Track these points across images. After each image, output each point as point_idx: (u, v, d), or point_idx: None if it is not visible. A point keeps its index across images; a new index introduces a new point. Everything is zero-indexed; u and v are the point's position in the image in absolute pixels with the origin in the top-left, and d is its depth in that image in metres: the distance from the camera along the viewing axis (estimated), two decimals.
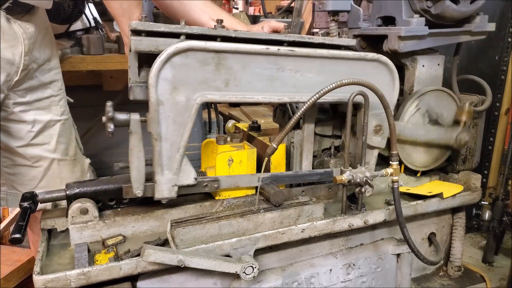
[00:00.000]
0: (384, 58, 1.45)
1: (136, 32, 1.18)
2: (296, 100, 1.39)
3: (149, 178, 1.30)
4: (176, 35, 1.21)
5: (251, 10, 6.09)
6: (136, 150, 1.23)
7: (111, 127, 1.17)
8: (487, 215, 2.32)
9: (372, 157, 1.57)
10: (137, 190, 1.27)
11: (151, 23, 1.18)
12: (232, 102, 1.20)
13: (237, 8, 5.80)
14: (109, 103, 1.18)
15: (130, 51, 1.22)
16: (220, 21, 1.28)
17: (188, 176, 1.31)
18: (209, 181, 1.38)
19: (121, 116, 1.19)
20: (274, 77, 1.32)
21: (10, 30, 1.47)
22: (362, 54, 1.42)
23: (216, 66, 1.24)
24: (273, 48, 1.28)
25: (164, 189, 1.29)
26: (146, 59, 1.25)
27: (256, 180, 1.43)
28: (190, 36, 1.22)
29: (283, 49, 1.30)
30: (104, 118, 1.18)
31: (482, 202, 2.40)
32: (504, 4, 2.40)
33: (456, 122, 1.72)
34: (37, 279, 1.09)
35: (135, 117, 1.21)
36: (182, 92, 1.22)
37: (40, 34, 1.61)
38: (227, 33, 1.25)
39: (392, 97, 1.50)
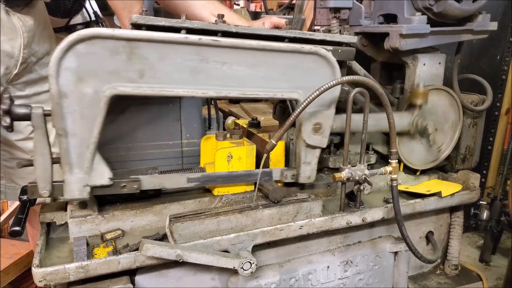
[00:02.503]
0: (323, 51, 1.34)
1: (136, 26, 1.17)
2: (223, 95, 1.29)
3: None
4: (176, 30, 1.19)
5: (252, 7, 6.07)
6: (40, 147, 1.14)
7: (6, 121, 1.09)
8: (485, 214, 2.32)
9: (313, 157, 1.48)
10: (43, 190, 1.18)
11: (151, 17, 1.16)
12: (148, 95, 1.11)
13: (238, 5, 5.79)
14: (6, 95, 1.10)
15: None
16: (221, 16, 1.27)
17: (102, 176, 1.22)
18: (128, 181, 1.29)
19: (21, 110, 1.11)
20: (198, 69, 1.22)
21: (9, 22, 1.47)
22: (297, 46, 1.31)
23: (128, 55, 1.14)
24: (194, 38, 1.19)
25: (74, 189, 1.20)
26: None
27: (184, 180, 1.37)
28: (190, 31, 1.20)
29: (205, 38, 1.20)
30: None
31: (481, 202, 2.40)
32: (507, 4, 2.39)
33: (412, 106, 1.67)
34: (36, 271, 1.09)
35: (37, 111, 1.12)
36: (89, 83, 1.12)
37: (39, 27, 1.61)
38: (228, 28, 1.24)
39: (334, 93, 1.39)
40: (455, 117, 1.75)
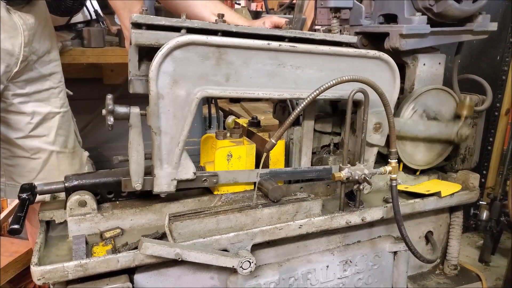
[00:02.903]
0: (385, 56, 1.45)
1: (136, 25, 1.18)
2: (296, 96, 1.38)
3: (148, 171, 1.30)
4: (177, 29, 1.20)
5: (253, 6, 6.07)
6: (135, 144, 1.23)
7: (111, 120, 1.18)
8: (484, 215, 2.32)
9: (371, 154, 1.56)
10: (136, 183, 1.27)
11: (152, 16, 1.18)
12: (232, 97, 1.19)
13: (239, 4, 5.79)
14: (109, 96, 1.18)
15: (131, 44, 1.22)
16: (221, 16, 1.27)
17: (187, 171, 1.31)
18: (208, 176, 1.38)
19: (121, 109, 1.20)
20: (275, 72, 1.31)
21: (10, 21, 1.47)
22: (363, 51, 1.42)
23: (217, 60, 1.23)
24: (275, 44, 1.28)
25: (163, 183, 1.29)
26: (146, 53, 1.25)
27: (255, 175, 1.43)
28: (191, 30, 1.22)
29: (285, 45, 1.29)
30: (104, 111, 1.18)
31: (480, 202, 2.40)
32: (507, 4, 2.39)
33: (457, 117, 1.72)
34: (35, 270, 1.09)
35: (135, 110, 1.21)
36: (182, 86, 1.21)
37: (40, 26, 1.61)
38: (228, 27, 1.25)
39: (392, 95, 1.49)
40: (446, 98, 1.75)
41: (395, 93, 1.50)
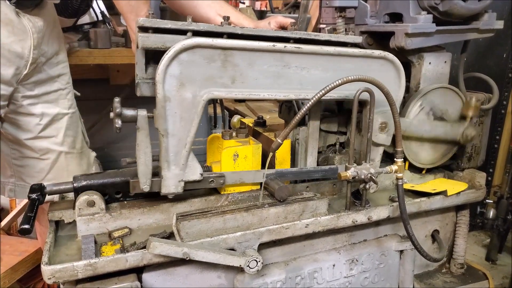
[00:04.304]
0: (390, 55, 1.45)
1: (143, 29, 1.19)
2: (302, 97, 1.39)
3: (156, 173, 1.31)
4: (182, 32, 1.21)
5: (257, 5, 6.08)
6: (143, 146, 1.25)
7: (118, 122, 1.19)
8: (491, 213, 2.32)
9: (377, 154, 1.57)
10: (144, 185, 1.28)
11: (158, 20, 1.19)
12: (238, 99, 1.20)
13: (243, 3, 5.80)
14: (116, 99, 1.19)
15: (137, 47, 1.23)
16: (226, 18, 1.28)
17: (194, 172, 1.32)
18: (215, 176, 1.39)
19: (129, 112, 1.20)
20: (280, 74, 1.32)
21: (20, 24, 1.49)
22: (368, 51, 1.42)
23: (222, 63, 1.24)
24: (280, 45, 1.28)
25: (171, 185, 1.30)
26: (153, 56, 1.26)
27: (261, 176, 1.44)
28: (196, 33, 1.22)
29: (290, 46, 1.29)
30: (111, 114, 1.19)
31: (487, 201, 2.40)
32: None
33: (463, 117, 1.72)
34: (45, 269, 1.10)
35: (142, 113, 1.22)
36: (189, 88, 1.22)
37: (49, 28, 1.63)
38: (233, 30, 1.26)
39: (398, 95, 1.50)
40: (452, 98, 1.74)
41: (400, 92, 1.51)
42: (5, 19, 1.43)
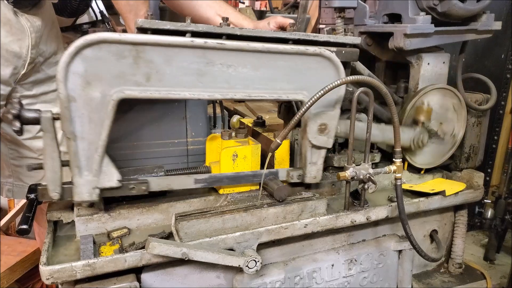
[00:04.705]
0: (327, 52, 1.34)
1: (142, 30, 1.18)
2: (229, 97, 1.30)
3: None
4: (181, 33, 1.20)
5: (257, 5, 6.08)
6: (50, 150, 1.16)
7: (17, 125, 1.11)
8: (489, 213, 2.33)
9: (319, 157, 1.48)
10: (53, 192, 1.20)
11: (157, 21, 1.17)
12: (155, 98, 1.12)
13: (243, 3, 5.79)
14: (15, 100, 1.13)
15: None
16: (225, 19, 1.27)
17: (111, 178, 1.24)
18: (137, 183, 1.30)
19: (30, 114, 1.12)
20: (204, 71, 1.23)
21: (18, 23, 1.48)
22: (302, 48, 1.32)
23: (134, 59, 1.15)
24: (199, 41, 1.19)
25: (84, 192, 1.21)
26: None
27: (192, 181, 1.38)
28: (195, 34, 1.21)
29: (211, 41, 1.20)
30: (9, 116, 1.11)
31: (485, 200, 2.40)
32: (511, 3, 2.39)
33: (415, 122, 1.68)
34: (44, 269, 1.10)
35: (46, 114, 1.13)
36: (96, 87, 1.13)
37: (47, 28, 1.63)
38: (232, 30, 1.25)
39: (338, 93, 1.40)
40: (455, 101, 1.74)
41: (341, 91, 1.41)
42: (3, 19, 1.43)
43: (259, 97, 1.32)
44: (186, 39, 1.18)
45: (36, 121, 1.13)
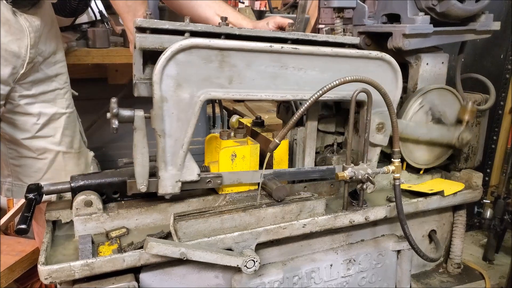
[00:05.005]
0: (387, 56, 1.45)
1: (141, 30, 1.19)
2: (299, 98, 1.39)
3: (153, 173, 1.31)
4: (180, 32, 1.21)
5: (257, 5, 6.08)
6: (140, 146, 1.25)
7: (115, 123, 1.18)
8: (488, 213, 2.32)
9: (374, 154, 1.57)
10: (141, 185, 1.29)
11: (155, 20, 1.19)
12: (235, 99, 1.21)
13: (243, 3, 5.80)
14: (113, 100, 1.19)
15: (135, 48, 1.23)
16: (224, 19, 1.28)
17: (192, 172, 1.32)
18: (212, 177, 1.39)
19: (126, 113, 1.21)
20: (277, 74, 1.32)
21: (16, 23, 1.48)
22: (365, 52, 1.42)
23: (219, 63, 1.24)
24: (277, 46, 1.28)
25: (168, 185, 1.30)
26: (150, 56, 1.26)
27: (259, 176, 1.44)
28: (194, 34, 1.22)
29: (287, 47, 1.30)
30: (108, 114, 1.19)
31: (484, 201, 2.40)
32: (510, 3, 2.39)
33: (459, 121, 1.72)
34: (42, 269, 1.10)
35: (139, 113, 1.22)
36: (186, 89, 1.22)
37: (46, 27, 1.63)
38: (231, 30, 1.26)
39: (395, 95, 1.50)
40: (451, 98, 1.75)
41: (397, 93, 1.51)
42: (2, 18, 1.43)
43: (326, 98, 1.39)
44: (266, 45, 1.27)
45: (130, 120, 1.21)
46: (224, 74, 1.26)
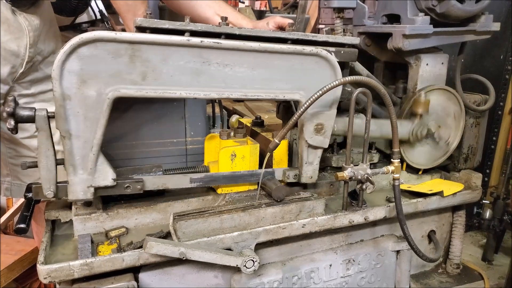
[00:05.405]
0: (324, 52, 1.34)
1: (140, 29, 1.18)
2: (225, 96, 1.29)
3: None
4: (180, 32, 1.19)
5: (257, 5, 6.08)
6: (44, 148, 1.16)
7: (11, 123, 1.10)
8: (488, 213, 2.33)
9: (315, 157, 1.48)
10: (48, 191, 1.20)
11: (155, 20, 1.17)
12: (151, 97, 1.11)
13: (243, 3, 5.80)
14: (10, 97, 1.12)
15: None
16: (224, 18, 1.27)
17: (105, 177, 1.24)
18: (132, 182, 1.30)
19: (24, 112, 1.12)
20: (201, 71, 1.23)
21: (16, 22, 1.48)
22: (298, 48, 1.31)
23: (130, 58, 1.14)
24: (196, 40, 1.19)
25: (78, 191, 1.22)
26: None
27: (188, 181, 1.39)
28: (194, 33, 1.21)
29: (207, 41, 1.20)
30: (4, 114, 1.10)
31: (484, 201, 2.40)
32: (510, 4, 2.39)
33: (413, 115, 1.67)
34: (41, 268, 1.10)
35: (41, 113, 1.13)
36: (92, 86, 1.13)
37: (45, 27, 1.63)
38: (231, 30, 1.25)
39: (335, 94, 1.40)
40: (456, 109, 1.74)
41: (337, 91, 1.41)
42: (1, 17, 1.43)
43: (256, 97, 1.31)
44: (183, 38, 1.17)
45: (31, 119, 1.13)
46: (137, 69, 1.16)
